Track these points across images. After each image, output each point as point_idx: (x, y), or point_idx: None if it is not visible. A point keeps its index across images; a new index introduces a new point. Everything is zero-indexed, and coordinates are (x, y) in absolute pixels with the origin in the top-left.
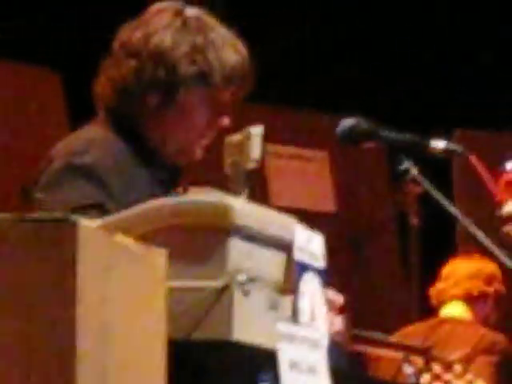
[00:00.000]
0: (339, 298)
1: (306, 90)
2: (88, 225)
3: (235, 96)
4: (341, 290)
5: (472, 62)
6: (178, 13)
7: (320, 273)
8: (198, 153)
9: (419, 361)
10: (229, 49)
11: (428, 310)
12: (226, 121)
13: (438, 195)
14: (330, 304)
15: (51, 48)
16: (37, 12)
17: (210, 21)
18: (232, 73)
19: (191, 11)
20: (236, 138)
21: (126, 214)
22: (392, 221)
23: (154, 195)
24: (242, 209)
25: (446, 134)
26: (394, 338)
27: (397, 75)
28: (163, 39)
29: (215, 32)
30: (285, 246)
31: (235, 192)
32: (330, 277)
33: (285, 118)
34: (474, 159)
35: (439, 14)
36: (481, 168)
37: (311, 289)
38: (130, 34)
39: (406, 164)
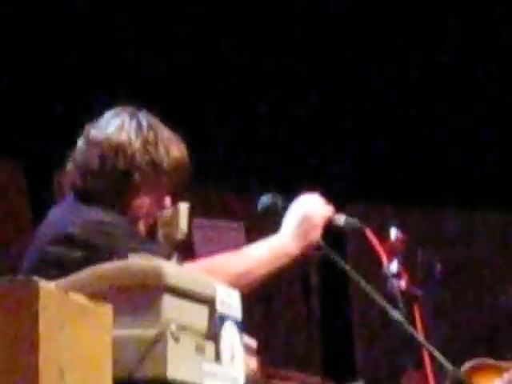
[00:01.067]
0: (253, 343)
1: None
2: (47, 285)
3: (177, 184)
4: (254, 336)
5: None
6: (133, 115)
7: (237, 322)
8: (143, 229)
9: None
10: (174, 145)
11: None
12: (168, 201)
13: (336, 257)
14: (245, 347)
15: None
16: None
17: (158, 123)
18: (176, 163)
19: (143, 114)
20: (167, 212)
21: (79, 275)
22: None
23: None
24: (172, 271)
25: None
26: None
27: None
28: (122, 135)
29: (163, 131)
30: (207, 301)
31: (167, 257)
32: (246, 325)
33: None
34: (368, 231)
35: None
36: (373, 237)
37: (230, 335)
38: (94, 131)
39: None
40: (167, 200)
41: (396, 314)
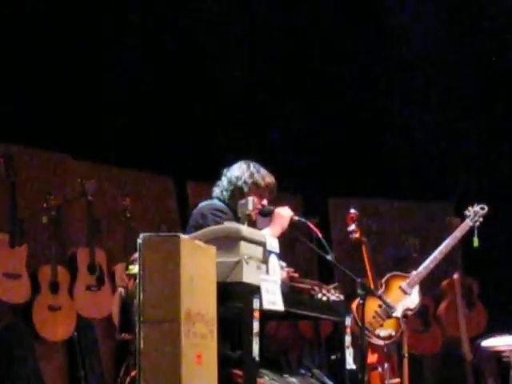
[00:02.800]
0: (284, 264)
1: None
2: (184, 237)
3: (270, 196)
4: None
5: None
6: (248, 164)
7: (276, 254)
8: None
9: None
10: (267, 176)
11: None
12: (265, 202)
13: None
14: (280, 266)
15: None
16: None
17: (259, 166)
18: (268, 185)
19: (252, 163)
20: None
21: (200, 232)
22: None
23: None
24: (246, 230)
25: None
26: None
27: None
28: (240, 171)
29: (261, 169)
30: (262, 244)
31: (243, 223)
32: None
33: None
34: (310, 223)
35: None
36: (313, 226)
37: (273, 260)
38: (228, 171)
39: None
40: (265, 201)
41: (328, 257)
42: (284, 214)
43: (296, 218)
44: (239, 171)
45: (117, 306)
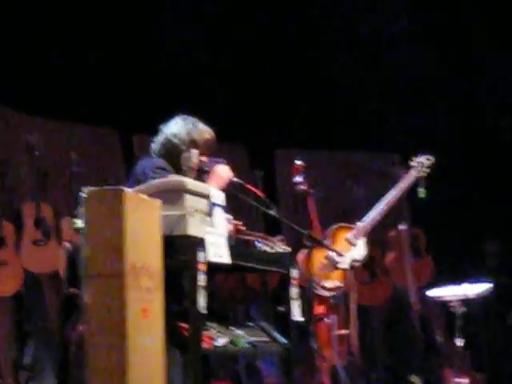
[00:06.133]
0: (230, 217)
1: None
2: (128, 190)
3: (208, 151)
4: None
5: None
6: (185, 119)
7: (222, 206)
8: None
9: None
10: (205, 132)
11: None
12: (204, 158)
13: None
14: (226, 219)
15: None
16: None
17: (198, 121)
18: (206, 142)
19: (189, 117)
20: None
21: (144, 185)
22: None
23: None
24: (190, 182)
25: None
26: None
27: None
28: (176, 127)
29: (199, 125)
30: (206, 196)
31: (188, 176)
32: (227, 209)
33: None
34: (247, 184)
35: None
36: (250, 186)
37: (219, 213)
38: (165, 128)
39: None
40: (203, 158)
41: (272, 212)
42: (223, 174)
43: (235, 179)
44: (176, 128)
45: (64, 260)
